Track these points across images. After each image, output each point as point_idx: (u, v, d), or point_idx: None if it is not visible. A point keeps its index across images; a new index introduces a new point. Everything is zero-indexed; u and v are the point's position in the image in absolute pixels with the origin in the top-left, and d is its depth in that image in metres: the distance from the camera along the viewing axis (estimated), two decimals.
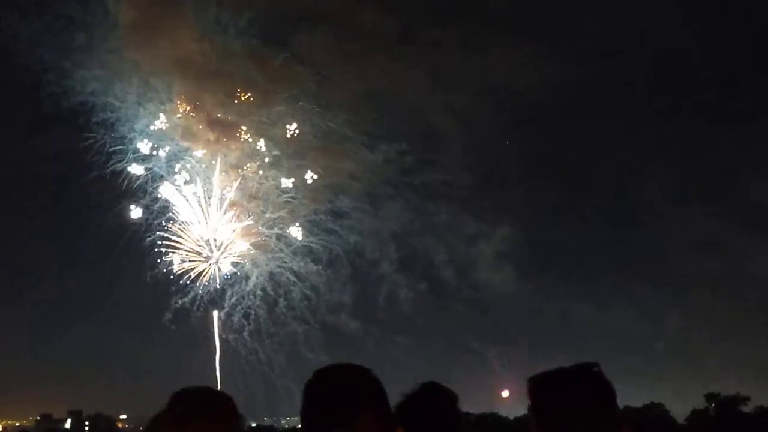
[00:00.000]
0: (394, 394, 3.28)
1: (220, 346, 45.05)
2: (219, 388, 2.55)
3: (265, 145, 43.21)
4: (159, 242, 42.97)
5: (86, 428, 52.77)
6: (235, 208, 43.05)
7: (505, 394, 45.40)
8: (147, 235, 42.79)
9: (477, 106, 46.90)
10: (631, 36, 46.95)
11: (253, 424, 50.28)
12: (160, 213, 42.88)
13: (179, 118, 42.28)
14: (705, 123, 50.71)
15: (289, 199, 43.33)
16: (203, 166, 42.87)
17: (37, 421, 54.15)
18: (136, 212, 42.48)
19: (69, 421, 53.42)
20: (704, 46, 46.68)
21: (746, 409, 47.31)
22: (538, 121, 48.40)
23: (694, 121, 49.54)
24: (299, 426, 2.34)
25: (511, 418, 46.48)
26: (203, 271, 43.45)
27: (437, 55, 48.00)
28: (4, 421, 54.11)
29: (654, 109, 49.48)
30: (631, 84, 48.83)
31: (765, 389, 46.56)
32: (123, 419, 55.69)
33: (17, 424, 54.65)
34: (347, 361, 2.33)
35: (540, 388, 2.58)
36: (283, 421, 51.59)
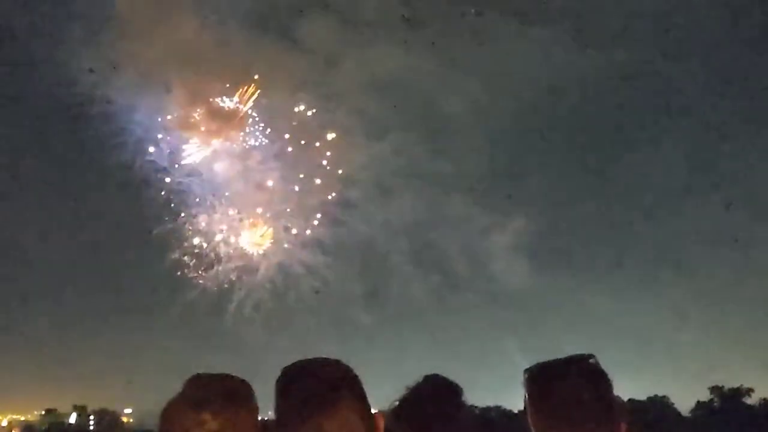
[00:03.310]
0: (404, 387, 3.29)
1: (232, 339, 45.10)
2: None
3: (269, 136, 43.18)
4: (164, 237, 42.99)
5: (91, 423, 53.01)
6: (239, 202, 43.02)
7: None
8: (152, 228, 42.78)
9: (490, 94, 46.46)
10: (649, 21, 46.56)
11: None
12: (164, 207, 42.89)
13: (179, 109, 42.22)
14: (725, 111, 50.24)
15: (296, 191, 43.26)
16: (205, 157, 42.84)
17: (41, 415, 54.40)
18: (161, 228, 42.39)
19: (74, 415, 53.66)
20: (720, 37, 46.36)
21: (750, 400, 47.43)
22: (553, 109, 48.02)
23: (713, 110, 49.07)
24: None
25: (515, 410, 46.55)
26: (212, 267, 43.40)
27: (448, 41, 47.53)
28: (9, 416, 54.36)
29: (673, 97, 48.99)
30: (649, 71, 48.31)
31: None
32: (128, 414, 55.92)
33: (22, 419, 54.90)
34: (357, 356, 2.34)
35: (535, 379, 2.59)
36: None
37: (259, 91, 42.47)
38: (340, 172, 43.58)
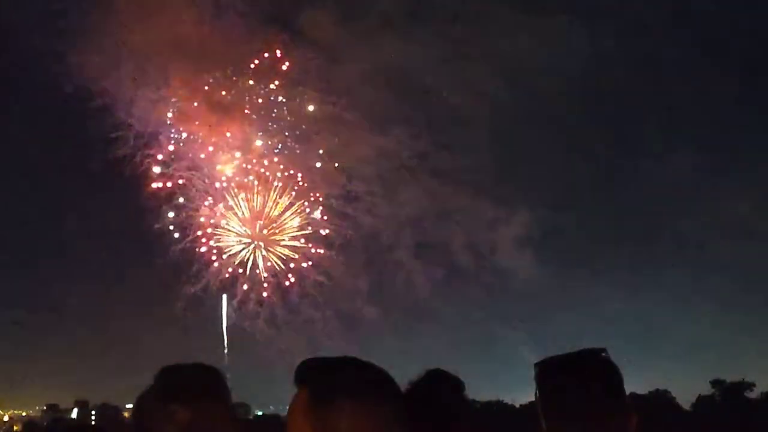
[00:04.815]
0: (406, 381, 3.27)
1: (234, 335, 45.09)
2: (227, 376, 2.43)
3: (271, 130, 43.12)
4: (165, 232, 42.92)
5: (93, 418, 53.01)
6: (241, 193, 42.97)
7: None
8: (155, 222, 42.74)
9: (496, 85, 45.84)
10: (661, 9, 46.07)
11: (259, 413, 50.48)
12: (165, 201, 42.85)
13: (177, 102, 42.14)
14: (737, 102, 49.67)
15: (298, 184, 43.19)
16: (206, 151, 42.79)
17: (43, 410, 54.44)
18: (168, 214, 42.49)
19: (75, 410, 53.69)
20: (733, 26, 45.92)
21: (752, 395, 47.45)
22: (562, 99, 47.45)
23: (725, 101, 48.49)
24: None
25: (517, 405, 46.55)
26: (214, 262, 43.33)
27: (453, 31, 47.03)
28: (11, 411, 54.46)
29: (686, 87, 48.38)
30: (662, 61, 47.82)
31: None
32: (129, 409, 55.97)
33: (23, 414, 54.98)
34: (362, 349, 2.26)
35: (546, 372, 2.58)
36: None
37: (257, 84, 42.39)
38: (343, 165, 43.54)
